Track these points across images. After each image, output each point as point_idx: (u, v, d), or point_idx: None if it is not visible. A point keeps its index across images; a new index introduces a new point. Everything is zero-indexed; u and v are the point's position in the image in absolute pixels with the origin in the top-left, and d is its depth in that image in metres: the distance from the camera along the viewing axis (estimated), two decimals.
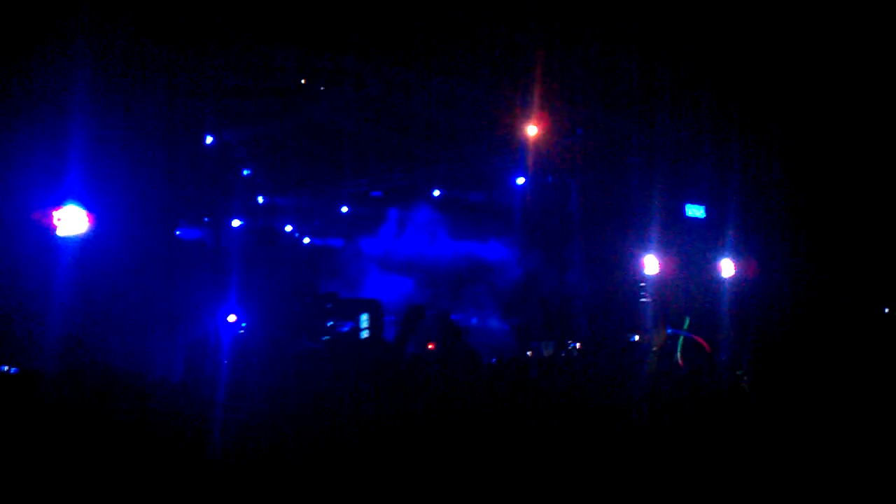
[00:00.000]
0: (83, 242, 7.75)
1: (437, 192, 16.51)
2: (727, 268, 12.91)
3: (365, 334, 11.01)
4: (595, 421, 3.46)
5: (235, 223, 13.91)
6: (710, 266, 13.37)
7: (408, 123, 12.00)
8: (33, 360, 4.54)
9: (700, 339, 5.53)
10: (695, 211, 14.04)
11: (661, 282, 11.91)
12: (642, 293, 7.61)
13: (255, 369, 4.19)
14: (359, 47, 10.15)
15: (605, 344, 7.03)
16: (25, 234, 7.48)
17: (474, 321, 13.74)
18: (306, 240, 16.35)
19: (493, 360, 6.12)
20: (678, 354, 5.24)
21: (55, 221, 7.61)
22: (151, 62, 9.03)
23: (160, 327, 9.44)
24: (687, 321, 5.55)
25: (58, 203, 7.65)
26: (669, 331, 5.45)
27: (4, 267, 7.35)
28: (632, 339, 5.54)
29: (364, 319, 11.53)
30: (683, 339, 5.31)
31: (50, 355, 4.73)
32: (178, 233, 11.92)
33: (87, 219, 7.83)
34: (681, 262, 13.06)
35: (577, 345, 6.69)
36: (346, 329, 10.96)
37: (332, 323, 10.99)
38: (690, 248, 13.67)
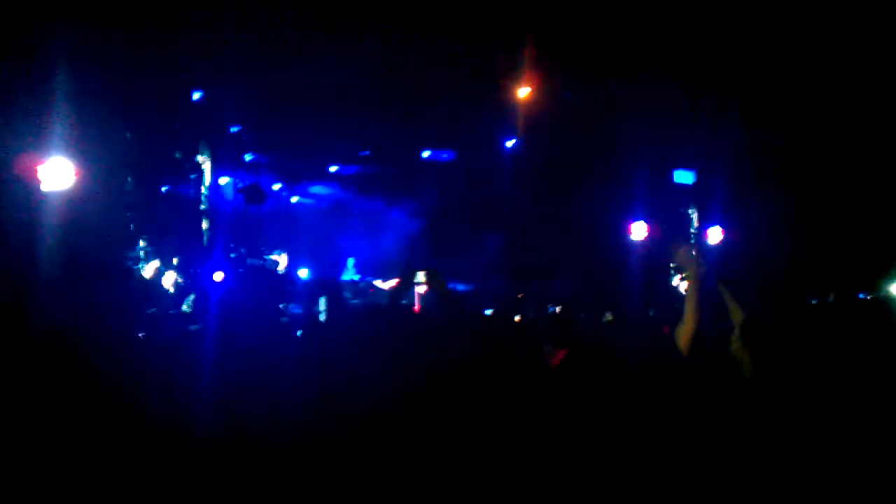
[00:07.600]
0: (68, 197, 7.71)
1: (426, 154, 16.38)
2: (714, 235, 13.00)
3: None
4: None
5: (223, 181, 13.78)
6: (697, 234, 13.43)
7: (396, 82, 11.89)
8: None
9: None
10: (684, 177, 14.07)
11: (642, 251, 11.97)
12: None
13: None
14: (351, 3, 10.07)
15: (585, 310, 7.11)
16: (9, 190, 7.44)
17: (462, 287, 13.72)
18: (294, 199, 16.25)
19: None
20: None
21: (39, 175, 7.57)
22: (140, 14, 8.89)
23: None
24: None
25: (43, 156, 7.60)
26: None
27: None
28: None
29: None
30: None
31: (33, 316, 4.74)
32: (164, 189, 11.88)
33: (73, 173, 7.78)
34: (666, 229, 13.09)
35: (557, 309, 6.76)
36: None
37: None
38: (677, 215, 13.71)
